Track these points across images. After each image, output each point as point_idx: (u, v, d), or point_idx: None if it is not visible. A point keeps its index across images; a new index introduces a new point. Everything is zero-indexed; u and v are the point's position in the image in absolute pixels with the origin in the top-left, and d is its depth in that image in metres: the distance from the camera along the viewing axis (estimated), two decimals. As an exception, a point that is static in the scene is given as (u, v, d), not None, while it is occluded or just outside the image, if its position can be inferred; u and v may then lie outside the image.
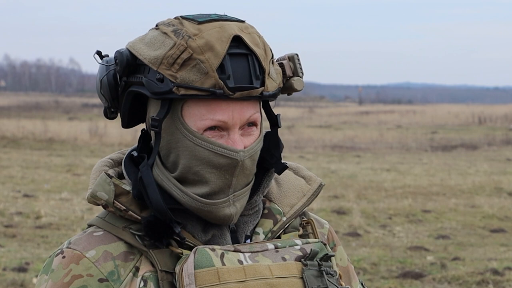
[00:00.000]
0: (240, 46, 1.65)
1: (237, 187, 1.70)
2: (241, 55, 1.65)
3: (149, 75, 1.66)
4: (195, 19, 1.68)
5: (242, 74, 1.64)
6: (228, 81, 1.63)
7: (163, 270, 1.67)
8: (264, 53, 1.67)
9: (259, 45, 1.67)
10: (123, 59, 1.69)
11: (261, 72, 1.66)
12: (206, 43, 1.63)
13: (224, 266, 1.63)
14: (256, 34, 1.69)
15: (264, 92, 1.67)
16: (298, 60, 1.77)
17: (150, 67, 1.66)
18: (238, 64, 1.64)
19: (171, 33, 1.66)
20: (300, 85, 1.77)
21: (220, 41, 1.63)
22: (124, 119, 1.76)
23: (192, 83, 1.63)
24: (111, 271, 1.69)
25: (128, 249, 1.71)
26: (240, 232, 1.76)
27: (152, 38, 1.69)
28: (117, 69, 1.71)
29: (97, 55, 1.77)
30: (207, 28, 1.65)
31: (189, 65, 1.63)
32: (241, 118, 1.67)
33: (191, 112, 1.67)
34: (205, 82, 1.63)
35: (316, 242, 1.74)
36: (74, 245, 1.72)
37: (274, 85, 1.70)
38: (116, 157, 1.81)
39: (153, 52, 1.67)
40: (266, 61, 1.67)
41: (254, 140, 1.71)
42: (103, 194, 1.70)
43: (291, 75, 1.76)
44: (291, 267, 1.68)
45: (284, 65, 1.76)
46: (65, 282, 1.68)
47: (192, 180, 1.69)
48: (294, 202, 1.82)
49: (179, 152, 1.68)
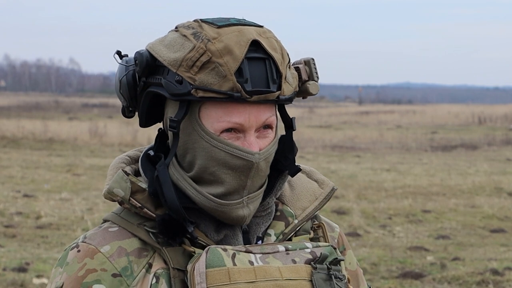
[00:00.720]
0: (258, 50, 1.68)
1: (251, 188, 1.72)
2: (259, 59, 1.68)
3: (168, 77, 1.69)
4: (214, 22, 1.70)
5: (260, 78, 1.67)
6: (246, 84, 1.66)
7: (175, 268, 1.70)
8: (281, 58, 1.70)
9: (276, 49, 1.70)
10: (142, 60, 1.71)
11: (278, 76, 1.69)
12: (225, 47, 1.66)
13: (235, 266, 1.66)
14: (273, 38, 1.72)
15: (281, 96, 1.70)
16: (313, 64, 1.80)
17: (169, 68, 1.69)
18: (256, 68, 1.67)
19: (191, 35, 1.69)
20: (316, 89, 1.79)
21: (239, 45, 1.66)
22: (142, 119, 1.79)
23: (210, 85, 1.66)
24: (125, 267, 1.71)
25: (141, 246, 1.74)
26: (252, 233, 1.78)
27: (172, 40, 1.71)
28: (136, 69, 1.74)
29: (117, 55, 1.80)
30: (226, 32, 1.68)
31: (208, 68, 1.66)
32: (257, 121, 1.70)
33: (208, 114, 1.69)
34: (223, 85, 1.65)
35: (326, 246, 1.77)
36: (89, 240, 1.75)
37: (290, 89, 1.73)
38: (133, 154, 1.84)
39: (173, 54, 1.69)
40: (283, 66, 1.70)
41: (269, 142, 1.73)
42: (120, 190, 1.73)
43: (307, 79, 1.79)
44: (300, 269, 1.71)
45: (300, 69, 1.79)
46: (79, 275, 1.71)
47: (208, 180, 1.72)
48: (306, 205, 1.84)
49: (196, 152, 1.71)
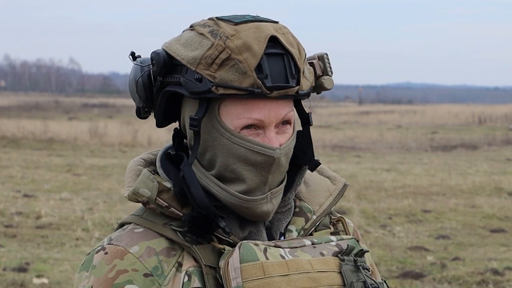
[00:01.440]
0: (276, 46, 1.69)
1: (272, 184, 1.74)
2: (277, 55, 1.69)
3: (187, 75, 1.69)
4: (231, 20, 1.71)
5: (279, 74, 1.68)
6: (266, 80, 1.66)
7: (207, 265, 1.70)
8: (298, 53, 1.71)
9: (293, 45, 1.71)
10: (160, 59, 1.72)
11: (296, 71, 1.70)
12: (244, 44, 1.67)
13: (268, 260, 1.67)
14: (290, 34, 1.73)
15: (300, 91, 1.71)
16: (327, 59, 1.81)
17: (188, 67, 1.69)
18: (275, 64, 1.68)
19: (208, 33, 1.69)
20: (330, 84, 1.81)
21: (258, 41, 1.67)
22: (159, 119, 1.80)
23: (231, 82, 1.66)
24: (155, 266, 1.72)
25: (169, 245, 1.74)
26: (275, 229, 1.80)
27: (189, 39, 1.72)
28: (153, 69, 1.74)
29: (131, 56, 1.80)
30: (243, 29, 1.69)
31: (228, 65, 1.67)
32: (277, 116, 1.71)
33: (228, 111, 1.70)
34: (244, 82, 1.66)
35: (350, 238, 1.79)
36: (116, 241, 1.74)
37: (308, 84, 1.74)
38: (147, 157, 1.84)
39: (191, 52, 1.69)
40: (300, 61, 1.71)
41: (288, 137, 1.74)
42: (146, 191, 1.74)
43: (321, 74, 1.80)
44: (329, 262, 1.73)
45: (314, 64, 1.80)
46: (109, 277, 1.70)
47: (229, 177, 1.73)
48: (322, 201, 1.86)
49: (216, 150, 1.72)
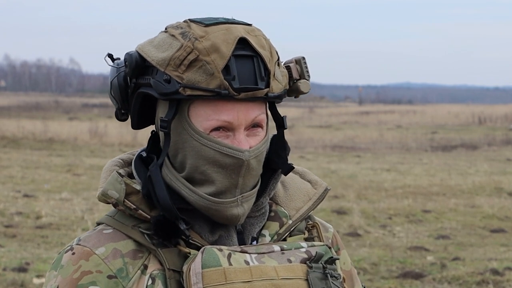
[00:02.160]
0: (246, 48, 1.68)
1: (244, 188, 1.72)
2: (247, 57, 1.68)
3: (156, 76, 1.69)
4: (202, 22, 1.71)
5: (247, 75, 1.67)
6: (233, 82, 1.66)
7: (170, 269, 1.70)
8: (269, 55, 1.70)
9: (264, 47, 1.70)
10: (132, 61, 1.72)
11: (266, 73, 1.69)
12: (212, 45, 1.66)
13: (231, 266, 1.66)
14: (262, 36, 1.72)
15: (269, 93, 1.69)
16: (304, 63, 1.80)
17: (158, 68, 1.69)
18: (243, 66, 1.67)
19: (179, 35, 1.70)
20: (307, 88, 1.80)
21: (226, 43, 1.66)
22: (134, 120, 1.79)
23: (198, 83, 1.66)
24: (120, 268, 1.71)
25: (136, 247, 1.74)
26: (247, 234, 1.78)
27: (161, 40, 1.72)
28: (126, 71, 1.73)
29: (109, 57, 1.80)
30: (213, 31, 1.68)
31: (196, 66, 1.66)
32: (246, 118, 1.70)
33: (197, 112, 1.70)
34: (211, 83, 1.66)
35: (321, 245, 1.77)
36: (84, 242, 1.75)
37: (280, 86, 1.72)
38: (126, 157, 1.84)
39: (161, 54, 1.69)
40: (271, 63, 1.70)
41: (259, 140, 1.73)
42: (114, 192, 1.73)
43: (298, 78, 1.79)
44: (296, 269, 1.71)
45: (291, 68, 1.79)
46: (74, 277, 1.71)
47: (199, 179, 1.72)
48: (300, 206, 1.84)
49: (186, 152, 1.71)
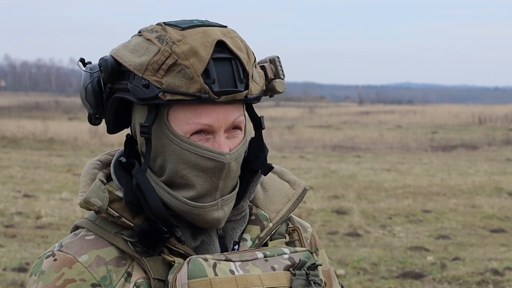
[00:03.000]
0: (224, 50, 1.67)
1: (224, 190, 1.71)
2: (225, 60, 1.67)
3: (134, 81, 1.67)
4: (178, 25, 1.69)
5: (227, 78, 1.66)
6: (213, 85, 1.65)
7: (155, 278, 1.68)
8: (247, 57, 1.69)
9: (242, 49, 1.69)
10: (107, 66, 1.70)
11: (245, 75, 1.68)
12: (191, 49, 1.65)
13: (217, 276, 1.65)
14: (238, 38, 1.71)
15: (249, 95, 1.69)
16: (279, 62, 1.79)
17: (135, 73, 1.67)
18: (222, 69, 1.66)
19: (155, 39, 1.68)
20: (282, 87, 1.79)
21: (204, 46, 1.65)
22: (110, 125, 1.77)
23: (177, 88, 1.65)
24: (104, 276, 1.69)
25: (119, 254, 1.72)
26: (228, 238, 1.78)
27: (136, 44, 1.70)
28: (102, 76, 1.72)
29: (81, 62, 1.78)
30: (190, 34, 1.67)
31: (174, 71, 1.65)
32: (226, 121, 1.69)
33: (177, 116, 1.68)
34: (191, 87, 1.64)
35: (304, 251, 1.76)
36: (66, 249, 1.72)
37: (258, 88, 1.72)
38: (104, 158, 1.82)
39: (138, 58, 1.68)
40: (249, 65, 1.69)
41: (238, 142, 1.72)
42: (97, 200, 1.71)
43: (273, 78, 1.79)
44: (280, 276, 1.71)
45: (265, 67, 1.78)
46: (57, 285, 1.69)
47: (179, 184, 1.71)
48: (279, 208, 1.84)
49: (166, 156, 1.70)
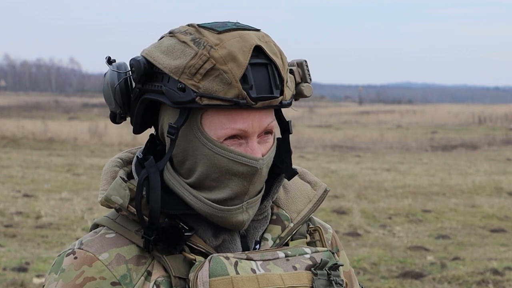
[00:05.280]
0: (260, 56, 1.66)
1: (251, 194, 1.72)
2: (261, 65, 1.66)
3: (169, 84, 1.66)
4: (213, 28, 1.68)
5: (263, 84, 1.66)
6: (251, 91, 1.64)
7: (176, 276, 1.68)
8: (282, 62, 1.69)
9: (276, 54, 1.69)
10: (140, 67, 1.68)
11: (280, 81, 1.68)
12: (229, 54, 1.64)
13: (238, 275, 1.65)
14: (272, 43, 1.70)
15: (283, 101, 1.69)
16: (306, 66, 1.79)
17: (171, 76, 1.66)
18: (259, 74, 1.66)
19: (191, 42, 1.66)
20: (310, 91, 1.78)
21: (242, 51, 1.64)
22: (136, 126, 1.77)
23: (215, 93, 1.64)
24: (124, 275, 1.69)
25: (140, 253, 1.71)
26: (250, 237, 1.77)
27: (170, 46, 1.68)
28: (133, 76, 1.70)
29: (107, 61, 1.77)
30: (227, 38, 1.66)
31: (212, 75, 1.64)
32: (260, 126, 1.69)
33: (211, 121, 1.67)
34: (228, 92, 1.63)
35: (325, 251, 1.76)
36: (86, 247, 1.72)
37: (290, 93, 1.72)
38: (125, 156, 1.82)
39: (173, 61, 1.66)
40: (284, 70, 1.69)
41: (270, 147, 1.73)
42: (118, 198, 1.71)
43: (300, 81, 1.78)
44: (301, 276, 1.71)
45: (293, 71, 1.77)
46: (77, 283, 1.68)
47: (209, 186, 1.70)
48: (300, 208, 1.83)
49: (197, 159, 1.69)
